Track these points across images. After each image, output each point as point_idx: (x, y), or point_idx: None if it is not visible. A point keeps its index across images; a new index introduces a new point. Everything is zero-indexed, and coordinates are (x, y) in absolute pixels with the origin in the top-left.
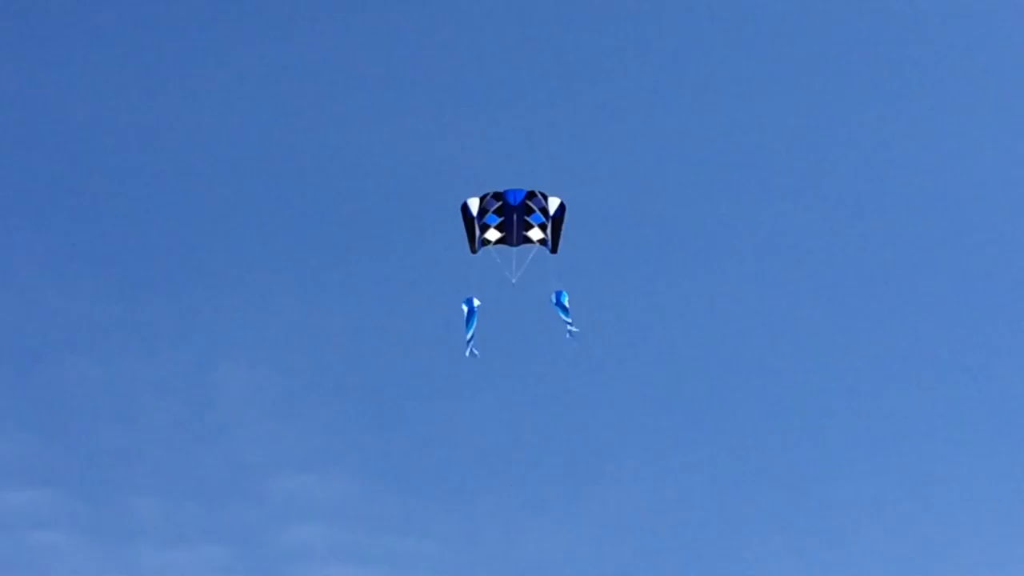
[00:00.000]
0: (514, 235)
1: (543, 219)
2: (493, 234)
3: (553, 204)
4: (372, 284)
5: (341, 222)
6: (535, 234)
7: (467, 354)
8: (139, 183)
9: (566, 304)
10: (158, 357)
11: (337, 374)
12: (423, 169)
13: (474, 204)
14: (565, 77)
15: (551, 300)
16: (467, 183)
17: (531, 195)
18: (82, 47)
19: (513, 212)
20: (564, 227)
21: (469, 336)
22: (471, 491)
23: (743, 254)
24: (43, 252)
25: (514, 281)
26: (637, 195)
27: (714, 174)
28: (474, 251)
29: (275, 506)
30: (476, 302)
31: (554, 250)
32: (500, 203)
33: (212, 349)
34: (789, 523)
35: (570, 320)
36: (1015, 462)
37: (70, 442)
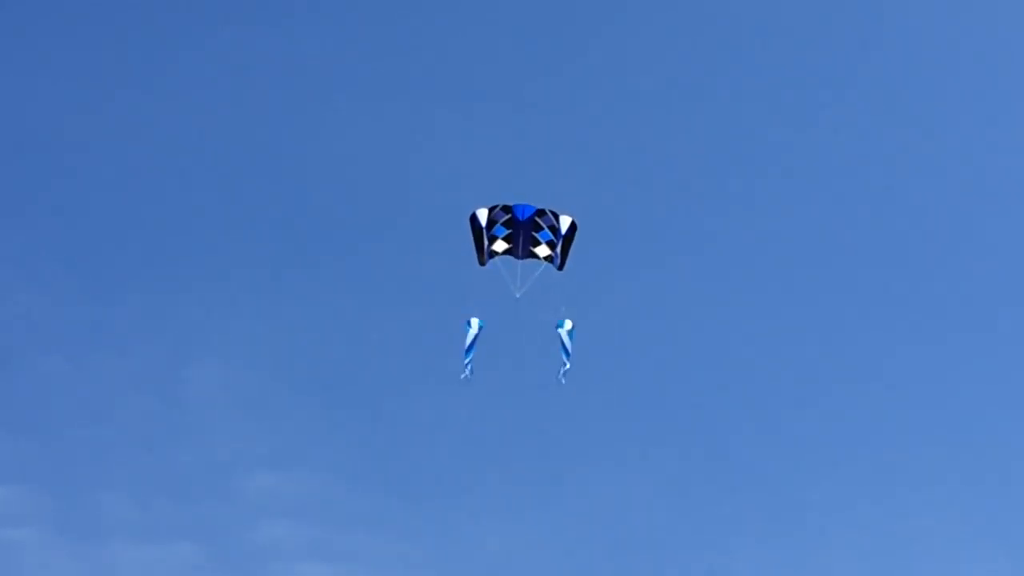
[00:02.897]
0: (520, 249)
1: (551, 236)
2: (500, 245)
3: (564, 223)
4: (343, 283)
5: (312, 222)
6: (542, 251)
7: (462, 376)
8: (110, 181)
9: (568, 346)
10: (129, 354)
11: (308, 372)
12: (393, 168)
13: (483, 215)
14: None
15: (556, 326)
16: (437, 182)
17: (540, 213)
18: (52, 44)
19: (521, 228)
20: (573, 246)
21: (467, 361)
22: (442, 489)
23: (719, 258)
24: (13, 250)
25: (518, 296)
26: (611, 197)
27: (686, 177)
28: (482, 263)
29: (246, 503)
30: (475, 323)
31: (560, 267)
32: (508, 216)
33: (183, 347)
34: (760, 522)
35: (567, 363)
36: (987, 462)
37: (41, 439)
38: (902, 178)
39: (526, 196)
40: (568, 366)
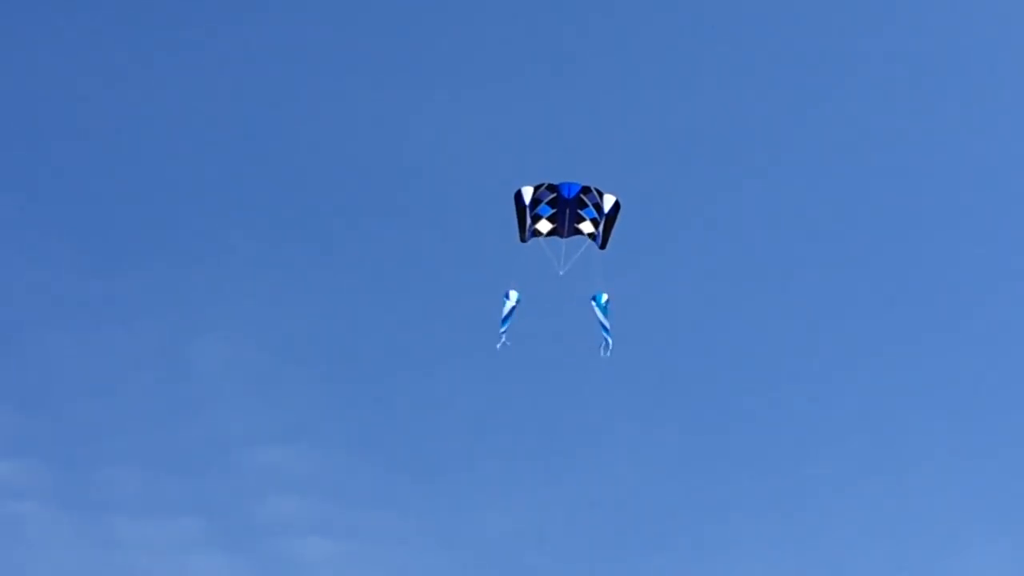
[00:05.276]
0: (565, 228)
1: (595, 214)
2: (544, 225)
3: (608, 202)
4: (350, 259)
5: (318, 197)
6: (586, 227)
7: (498, 345)
8: (115, 156)
9: (605, 322)
10: (134, 329)
11: (314, 347)
12: (400, 147)
13: (527, 193)
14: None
15: (592, 301)
16: (443, 162)
17: (586, 190)
18: (55, 21)
19: (566, 206)
20: (616, 226)
21: (503, 330)
22: (447, 465)
23: (725, 239)
24: (18, 225)
25: (561, 273)
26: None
27: (694, 158)
28: (523, 240)
29: (251, 478)
30: (514, 295)
31: (603, 246)
32: (554, 195)
33: (188, 322)
34: (764, 499)
35: (608, 337)
36: (989, 441)
37: (47, 414)
38: (913, 165)
39: (532, 177)
40: (610, 341)
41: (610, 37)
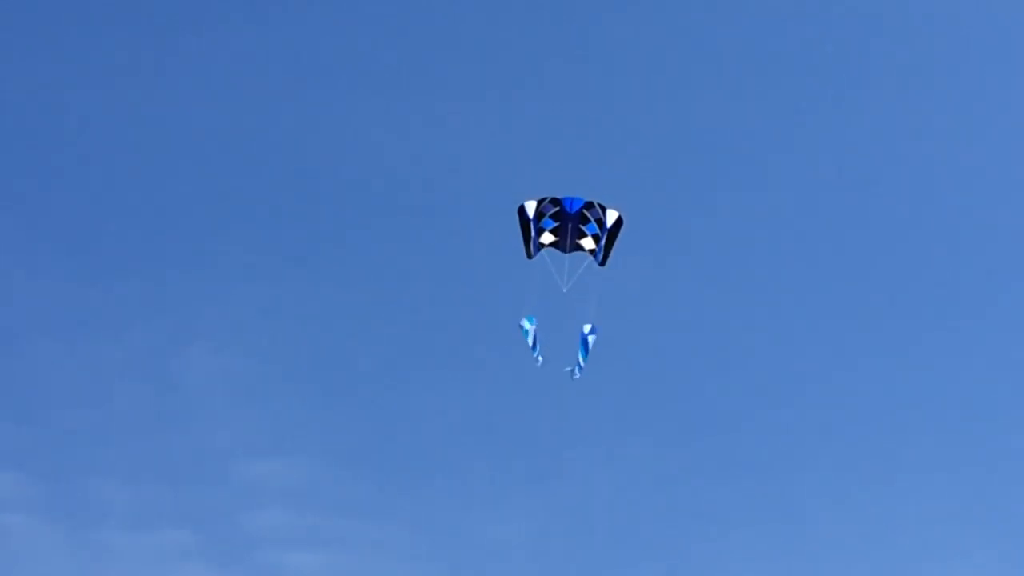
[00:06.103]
0: (568, 242)
1: (597, 230)
2: (547, 237)
3: (611, 217)
4: (339, 270)
5: (308, 208)
6: (587, 243)
7: (538, 362)
8: (105, 165)
9: (589, 346)
10: (123, 340)
11: (303, 359)
12: (388, 157)
13: (531, 207)
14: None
15: (581, 332)
16: (431, 172)
17: (589, 205)
18: (48, 28)
19: (569, 221)
20: (617, 241)
21: (536, 354)
22: (436, 476)
23: (717, 252)
24: (8, 234)
25: (565, 290)
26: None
27: (686, 173)
28: (530, 256)
29: (240, 490)
30: (527, 324)
31: (603, 263)
32: (557, 209)
33: (177, 333)
34: (755, 511)
35: (582, 363)
36: (980, 452)
37: (34, 425)
38: (908, 173)
39: (526, 188)
40: (582, 365)
41: (612, 43)
